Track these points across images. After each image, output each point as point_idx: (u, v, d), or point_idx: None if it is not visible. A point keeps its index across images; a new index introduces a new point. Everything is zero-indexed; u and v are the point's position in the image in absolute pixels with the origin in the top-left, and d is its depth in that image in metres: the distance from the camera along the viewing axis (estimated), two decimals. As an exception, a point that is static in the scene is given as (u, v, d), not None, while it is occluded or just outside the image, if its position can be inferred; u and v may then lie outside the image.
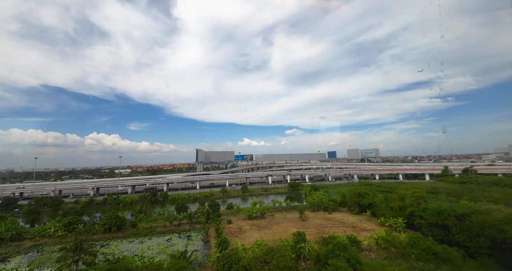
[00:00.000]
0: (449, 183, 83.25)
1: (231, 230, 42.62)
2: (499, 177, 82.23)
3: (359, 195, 50.17)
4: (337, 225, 45.04)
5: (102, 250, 36.89)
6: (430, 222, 32.43)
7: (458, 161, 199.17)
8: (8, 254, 37.20)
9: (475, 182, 77.59)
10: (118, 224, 44.45)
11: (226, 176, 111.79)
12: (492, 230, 25.50)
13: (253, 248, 28.85)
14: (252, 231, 41.99)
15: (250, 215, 48.93)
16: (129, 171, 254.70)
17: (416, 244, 26.85)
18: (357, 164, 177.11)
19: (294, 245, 29.61)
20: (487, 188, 68.62)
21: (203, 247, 36.72)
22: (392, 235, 30.46)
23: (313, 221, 48.36)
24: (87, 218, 51.19)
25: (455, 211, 30.40)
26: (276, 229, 43.07)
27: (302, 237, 30.30)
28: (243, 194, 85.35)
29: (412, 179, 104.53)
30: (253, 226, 44.97)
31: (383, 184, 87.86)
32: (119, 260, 25.41)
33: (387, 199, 43.43)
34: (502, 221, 25.60)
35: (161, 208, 60.42)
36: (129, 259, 27.18)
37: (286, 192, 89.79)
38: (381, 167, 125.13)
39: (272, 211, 56.05)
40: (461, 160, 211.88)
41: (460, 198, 58.42)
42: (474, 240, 27.40)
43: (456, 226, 29.78)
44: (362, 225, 44.21)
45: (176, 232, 44.08)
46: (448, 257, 25.33)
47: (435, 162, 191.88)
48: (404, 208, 39.98)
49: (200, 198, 77.56)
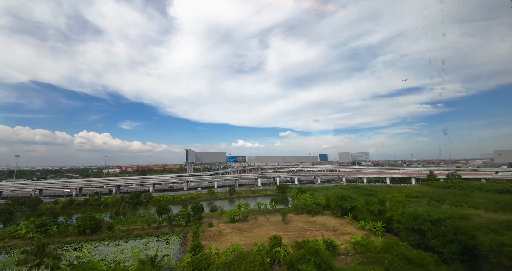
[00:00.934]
0: (433, 188, 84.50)
1: (211, 233, 41.69)
2: (482, 183, 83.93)
3: (341, 198, 50.03)
4: (319, 229, 44.71)
5: (73, 253, 35.44)
6: (407, 226, 32.41)
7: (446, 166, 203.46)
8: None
9: (459, 187, 78.94)
10: (93, 226, 42.87)
11: (215, 178, 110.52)
12: (464, 236, 25.53)
13: (227, 253, 28.09)
14: (232, 235, 41.16)
15: (233, 218, 48.09)
16: (118, 171, 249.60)
17: (390, 249, 26.62)
18: (347, 167, 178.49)
19: (269, 250, 29.03)
20: (470, 193, 69.78)
21: (179, 251, 35.65)
22: (368, 240, 30.21)
23: (296, 224, 47.91)
24: (62, 219, 49.30)
25: (431, 216, 30.43)
26: (257, 233, 42.37)
27: (278, 241, 29.72)
28: (231, 196, 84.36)
29: (400, 183, 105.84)
30: (234, 229, 44.15)
31: (370, 188, 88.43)
32: (83, 265, 24.22)
33: (368, 202, 43.37)
34: (474, 228, 25.67)
35: (144, 210, 58.90)
36: (94, 263, 25.96)
37: (275, 194, 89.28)
38: (369, 171, 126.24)
39: (256, 214, 55.37)
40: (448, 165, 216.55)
41: (442, 202, 59.19)
42: (448, 245, 27.39)
43: (432, 231, 29.79)
44: (343, 228, 44.01)
45: (154, 235, 42.78)
46: (422, 263, 25.18)
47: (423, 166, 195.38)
48: (384, 212, 39.98)
49: (186, 200, 76.15)
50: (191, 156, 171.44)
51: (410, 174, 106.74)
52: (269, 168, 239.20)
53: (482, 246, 22.82)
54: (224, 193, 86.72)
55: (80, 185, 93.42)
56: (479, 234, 24.20)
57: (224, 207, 61.57)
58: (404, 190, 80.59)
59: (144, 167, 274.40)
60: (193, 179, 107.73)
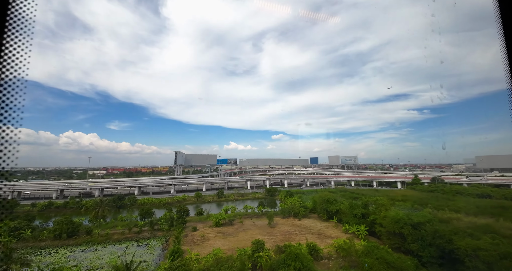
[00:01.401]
0: (418, 191, 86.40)
1: (194, 238, 40.70)
2: (464, 187, 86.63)
3: (327, 201, 50.23)
4: (304, 232, 44.57)
5: (48, 259, 33.66)
6: (389, 230, 32.73)
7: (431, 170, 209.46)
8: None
9: (441, 191, 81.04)
10: (70, 230, 40.98)
11: (204, 181, 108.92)
12: (441, 240, 25.94)
13: (207, 258, 27.33)
14: (216, 239, 40.33)
15: (218, 222, 47.22)
16: (104, 173, 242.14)
17: (370, 253, 26.69)
18: (336, 171, 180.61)
19: (251, 254, 28.51)
20: (452, 197, 71.75)
21: (159, 257, 34.51)
22: (349, 244, 30.24)
23: (282, 227, 47.61)
24: (38, 223, 46.95)
25: (412, 220, 30.85)
26: (242, 237, 41.72)
27: (261, 246, 29.26)
28: (219, 199, 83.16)
29: (386, 186, 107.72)
30: (218, 234, 43.31)
31: (356, 191, 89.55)
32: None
33: (352, 206, 43.67)
34: (451, 232, 26.15)
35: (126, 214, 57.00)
36: (66, 270, 24.64)
37: (264, 197, 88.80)
38: (357, 174, 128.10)
39: (243, 218, 54.69)
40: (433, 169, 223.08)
41: (425, 206, 60.48)
42: (427, 249, 27.76)
43: (412, 235, 30.18)
44: (328, 232, 44.05)
45: (134, 240, 41.33)
46: (401, 267, 25.35)
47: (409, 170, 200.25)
48: (367, 215, 40.32)
49: (172, 203, 74.28)
50: (180, 158, 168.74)
51: (395, 178, 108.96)
52: (260, 171, 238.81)
53: (458, 250, 23.21)
54: (212, 196, 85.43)
55: (61, 187, 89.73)
56: (456, 238, 24.67)
57: (211, 210, 60.51)
58: (389, 194, 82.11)
59: (131, 169, 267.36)
60: (180, 182, 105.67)
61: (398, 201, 69.78)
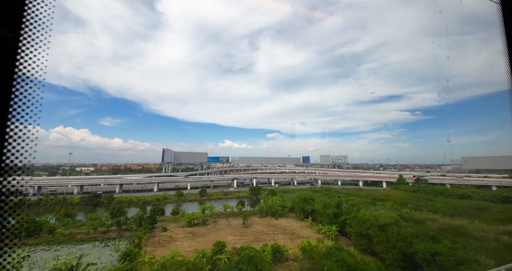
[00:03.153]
0: (401, 191, 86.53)
1: (161, 238, 39.20)
2: (446, 187, 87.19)
3: (304, 200, 49.32)
4: (278, 232, 43.60)
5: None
6: (356, 231, 31.90)
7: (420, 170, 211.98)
8: None
9: (424, 191, 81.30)
10: (31, 229, 39.05)
11: (189, 179, 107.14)
12: (403, 243, 25.14)
13: (160, 262, 25.92)
14: (183, 240, 38.92)
15: (190, 222, 45.81)
16: (93, 169, 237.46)
17: (331, 255, 25.75)
18: (325, 170, 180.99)
19: (210, 257, 27.26)
20: (433, 198, 71.95)
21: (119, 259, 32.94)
22: (311, 245, 29.26)
23: (256, 227, 46.51)
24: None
25: (378, 221, 30.05)
26: (212, 238, 40.34)
27: (221, 248, 28.05)
28: (201, 198, 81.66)
29: (372, 186, 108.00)
30: (188, 234, 41.92)
31: (341, 190, 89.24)
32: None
33: (325, 205, 42.83)
34: (413, 234, 25.37)
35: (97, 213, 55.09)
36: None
37: (248, 196, 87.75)
38: (344, 174, 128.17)
39: (219, 217, 53.50)
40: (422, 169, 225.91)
41: (404, 206, 60.37)
42: (391, 252, 26.97)
43: (378, 237, 29.39)
44: (301, 232, 43.15)
45: (98, 240, 39.63)
46: (363, 269, 24.48)
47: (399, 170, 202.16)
48: (339, 215, 39.53)
49: (151, 202, 72.44)
50: (169, 156, 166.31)
51: (381, 177, 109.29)
52: (252, 169, 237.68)
53: (416, 254, 22.39)
54: (195, 195, 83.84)
55: (39, 184, 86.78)
56: (416, 241, 23.86)
57: (188, 210, 58.96)
58: (372, 193, 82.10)
59: (121, 166, 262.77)
60: (164, 180, 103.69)
61: (379, 201, 69.62)
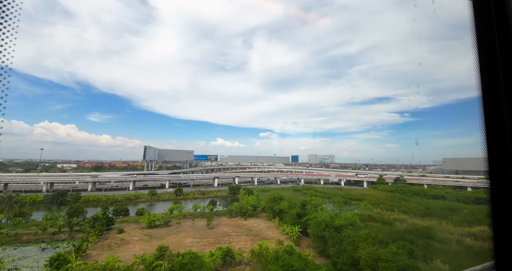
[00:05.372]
0: (379, 191, 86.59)
1: (113, 241, 36.77)
2: (423, 188, 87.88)
3: (273, 200, 47.86)
4: (242, 233, 41.95)
5: None
6: (313, 232, 30.57)
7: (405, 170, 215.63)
8: None
9: (400, 191, 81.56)
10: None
11: (167, 177, 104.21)
12: (351, 246, 23.87)
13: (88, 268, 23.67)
14: (137, 243, 36.61)
15: (151, 223, 43.48)
16: (75, 166, 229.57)
17: (278, 259, 24.22)
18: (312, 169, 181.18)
19: (149, 263, 25.24)
20: (408, 198, 72.05)
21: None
22: (260, 249, 27.69)
23: (220, 229, 44.70)
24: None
25: (334, 222, 28.78)
26: (169, 240, 38.17)
27: (162, 253, 26.06)
28: (176, 197, 79.04)
29: (354, 185, 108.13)
30: (145, 237, 39.63)
31: (320, 189, 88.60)
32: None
33: (290, 205, 41.45)
34: (361, 237, 24.12)
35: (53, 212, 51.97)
36: None
37: (226, 195, 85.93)
38: (328, 173, 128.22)
39: (186, 218, 51.48)
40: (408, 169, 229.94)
41: (377, 206, 59.91)
42: (342, 255, 25.70)
43: (333, 238, 28.10)
44: (266, 233, 41.68)
45: (46, 242, 36.89)
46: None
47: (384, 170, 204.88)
48: (303, 215, 38.21)
49: (121, 201, 69.50)
50: (151, 153, 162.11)
51: (363, 177, 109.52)
52: (240, 167, 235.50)
53: (359, 259, 21.12)
54: (170, 194, 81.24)
55: (6, 181, 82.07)
56: (363, 245, 22.59)
57: (161, 210, 56.52)
58: (351, 193, 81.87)
59: (105, 163, 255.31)
60: (140, 178, 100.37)
61: (355, 201, 69.20)
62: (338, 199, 70.27)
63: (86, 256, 31.16)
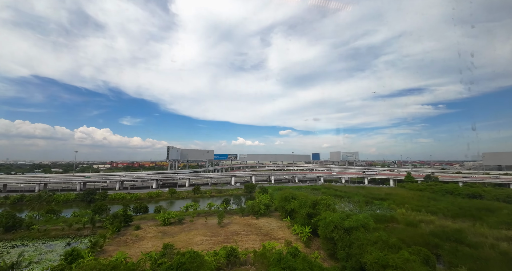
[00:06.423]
0: (406, 190, 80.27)
1: (129, 238, 38.54)
2: (456, 186, 79.54)
3: (285, 199, 46.54)
4: (252, 233, 41.37)
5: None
6: (321, 234, 28.89)
7: (440, 167, 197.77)
8: None
9: (431, 190, 74.70)
10: (9, 225, 40.20)
11: (187, 176, 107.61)
12: (358, 250, 21.93)
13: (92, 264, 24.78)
14: (150, 240, 37.90)
15: (165, 221, 44.92)
16: (108, 167, 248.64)
17: (280, 261, 23.20)
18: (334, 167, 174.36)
19: (155, 260, 25.80)
20: (439, 197, 65.76)
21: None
22: (263, 250, 26.75)
23: (232, 227, 44.60)
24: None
25: (343, 223, 26.85)
26: (180, 238, 39.08)
27: (166, 251, 26.48)
28: (194, 195, 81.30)
29: (379, 184, 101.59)
30: (159, 234, 40.95)
31: (340, 188, 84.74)
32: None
33: (301, 205, 39.80)
34: (370, 241, 22.02)
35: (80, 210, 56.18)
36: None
37: (242, 194, 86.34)
38: (350, 171, 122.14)
39: (200, 216, 52.38)
40: (443, 166, 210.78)
41: (402, 206, 55.41)
42: (350, 259, 23.85)
43: (342, 241, 26.25)
44: (277, 233, 40.60)
45: (71, 237, 39.91)
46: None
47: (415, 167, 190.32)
48: (314, 215, 36.45)
49: (144, 199, 73.30)
50: (174, 153, 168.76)
51: (389, 175, 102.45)
52: (259, 166, 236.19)
53: (365, 265, 19.26)
54: (188, 192, 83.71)
55: (45, 180, 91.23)
56: (371, 249, 20.59)
57: (178, 208, 58.49)
58: (374, 192, 76.87)
59: (135, 163, 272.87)
60: (162, 177, 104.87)
61: (377, 200, 64.81)
62: (359, 199, 66.38)
63: (103, 251, 33.00)
